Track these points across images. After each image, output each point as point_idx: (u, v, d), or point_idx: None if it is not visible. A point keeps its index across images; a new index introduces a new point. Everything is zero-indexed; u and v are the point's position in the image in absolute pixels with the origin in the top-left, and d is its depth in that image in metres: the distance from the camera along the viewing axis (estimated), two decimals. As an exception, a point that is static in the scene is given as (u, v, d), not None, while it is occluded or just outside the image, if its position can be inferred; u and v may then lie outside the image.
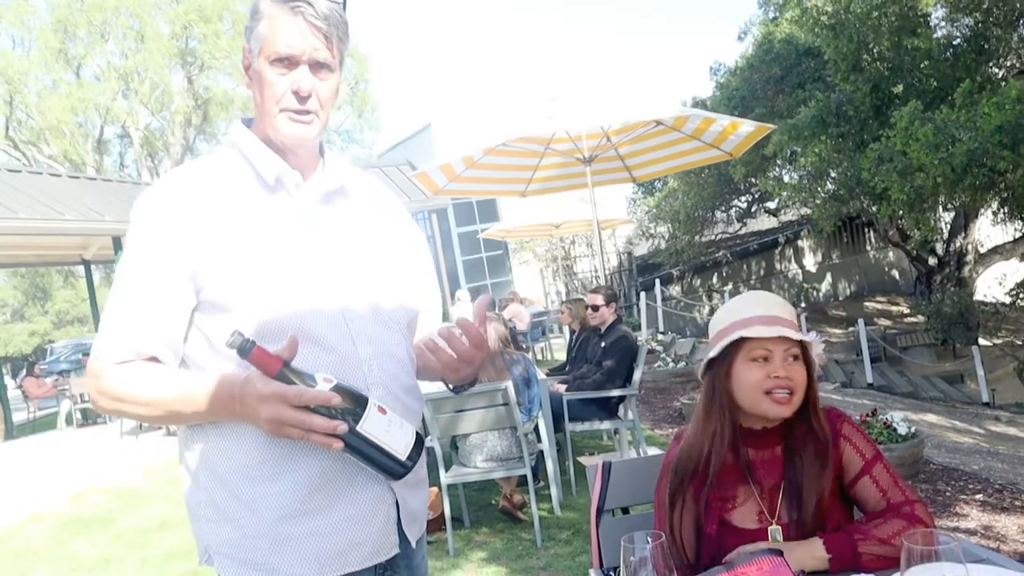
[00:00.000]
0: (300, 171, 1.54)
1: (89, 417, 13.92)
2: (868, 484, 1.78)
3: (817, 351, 1.79)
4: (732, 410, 1.80)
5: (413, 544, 1.62)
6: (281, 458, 1.42)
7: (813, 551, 1.63)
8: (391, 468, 1.40)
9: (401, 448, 1.39)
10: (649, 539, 1.37)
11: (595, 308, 5.99)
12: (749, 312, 1.81)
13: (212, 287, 1.41)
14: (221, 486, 1.45)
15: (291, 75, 1.46)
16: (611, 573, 2.08)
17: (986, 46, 13.19)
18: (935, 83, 13.18)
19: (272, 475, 1.42)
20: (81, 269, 18.49)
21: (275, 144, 1.52)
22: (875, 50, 13.12)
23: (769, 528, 1.76)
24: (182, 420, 1.45)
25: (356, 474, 1.46)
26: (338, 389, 1.33)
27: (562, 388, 5.85)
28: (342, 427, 1.32)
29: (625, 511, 2.25)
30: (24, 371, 16.63)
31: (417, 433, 1.45)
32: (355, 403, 1.34)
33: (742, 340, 1.76)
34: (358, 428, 1.33)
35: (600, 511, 2.20)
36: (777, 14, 17.82)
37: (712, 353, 1.81)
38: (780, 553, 1.62)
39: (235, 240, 1.43)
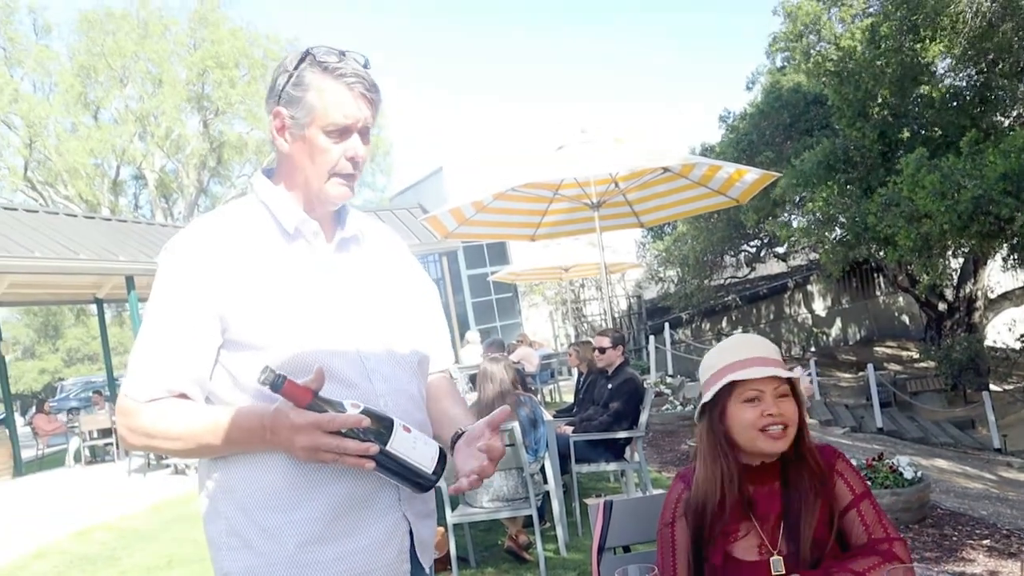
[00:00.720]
0: (318, 220, 1.63)
1: (97, 454, 13.94)
2: (854, 518, 1.85)
3: (804, 385, 1.86)
4: (733, 449, 1.88)
5: (426, 569, 1.69)
6: (300, 487, 1.49)
7: None
8: (419, 482, 1.49)
9: (428, 463, 1.47)
10: (645, 574, 1.42)
11: (601, 350, 6.04)
12: (737, 356, 1.90)
13: (238, 328, 1.49)
14: (242, 515, 1.51)
15: (344, 143, 1.56)
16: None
17: (991, 96, 13.35)
18: (940, 131, 13.32)
19: (292, 504, 1.49)
20: (93, 307, 18.66)
21: (308, 198, 1.61)
22: (879, 98, 13.28)
23: (771, 559, 1.82)
24: (212, 452, 1.51)
25: (372, 503, 1.53)
26: (366, 413, 1.41)
27: (569, 430, 5.87)
28: (373, 448, 1.40)
29: (626, 549, 2.30)
30: (34, 408, 16.69)
31: (440, 448, 1.52)
32: (382, 425, 1.42)
33: (733, 383, 1.86)
34: (387, 448, 1.41)
35: (601, 549, 2.24)
36: (785, 63, 18.09)
37: (705, 398, 1.90)
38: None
39: (259, 285, 1.52)
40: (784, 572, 1.79)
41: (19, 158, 29.81)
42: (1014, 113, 14.13)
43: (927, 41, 12.64)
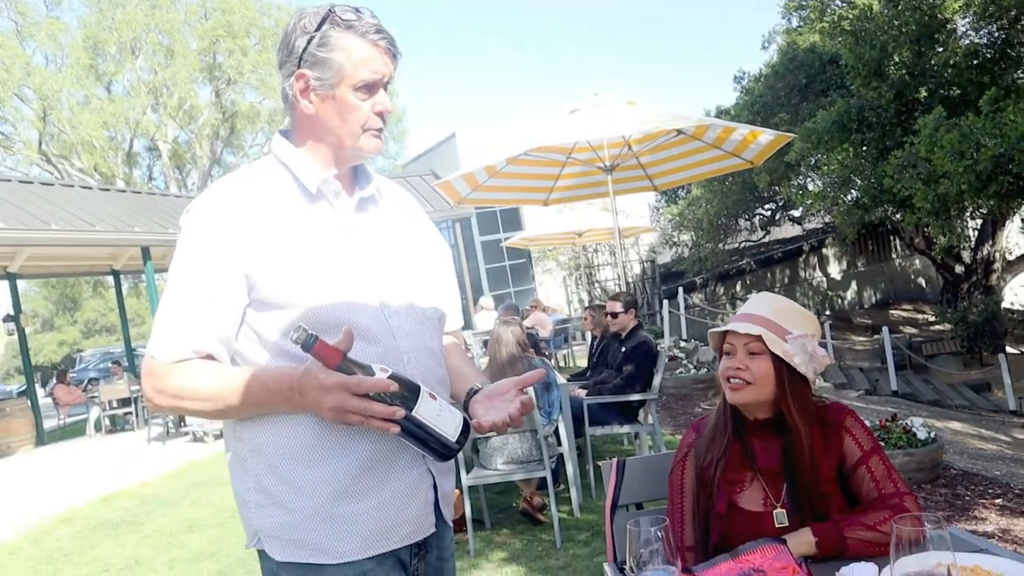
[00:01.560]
0: (339, 181, 1.64)
1: (117, 423, 14.15)
2: (864, 474, 1.87)
3: (785, 348, 1.87)
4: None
5: (449, 522, 1.73)
6: (329, 444, 1.51)
7: (803, 537, 1.75)
8: (441, 450, 1.50)
9: (451, 431, 1.48)
10: (656, 525, 1.44)
11: (614, 315, 6.04)
12: (741, 309, 1.99)
13: (264, 287, 1.50)
14: (271, 472, 1.53)
15: (373, 98, 1.58)
16: (624, 566, 2.14)
17: (1012, 53, 13.09)
18: (958, 90, 13.10)
19: (320, 460, 1.51)
20: (110, 279, 18.81)
21: (339, 156, 1.63)
22: (896, 58, 13.06)
23: (774, 512, 1.85)
24: (239, 413, 1.53)
25: (398, 458, 1.55)
26: (393, 378, 1.42)
27: (582, 393, 5.90)
28: (400, 412, 1.41)
29: (639, 507, 2.32)
30: (54, 379, 16.90)
31: (464, 418, 1.54)
32: (409, 391, 1.43)
33: (724, 333, 1.96)
34: (413, 413, 1.43)
35: (615, 507, 2.27)
36: (801, 23, 17.80)
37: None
38: (783, 542, 1.70)
39: (284, 244, 1.53)
40: (787, 524, 1.83)
41: (33, 131, 29.92)
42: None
43: (946, -2, 12.39)
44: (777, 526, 1.84)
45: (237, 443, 1.58)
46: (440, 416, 1.47)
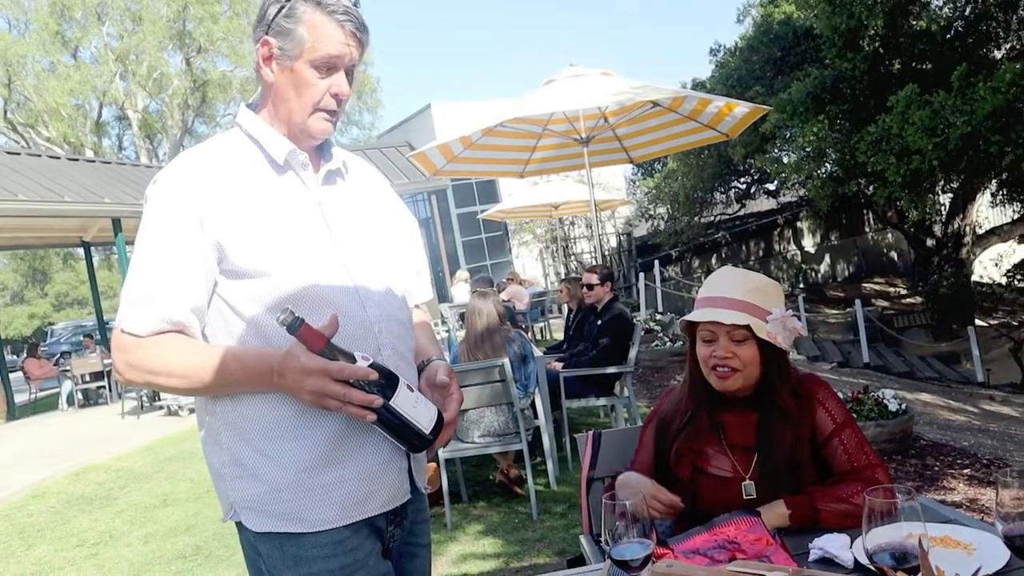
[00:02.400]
0: (305, 153, 1.64)
1: (90, 397, 14.01)
2: (836, 446, 1.89)
3: (767, 330, 1.87)
4: (705, 377, 1.96)
5: (423, 489, 1.74)
6: (303, 417, 1.51)
7: (776, 509, 1.77)
8: (415, 440, 1.53)
9: (426, 423, 1.52)
10: (632, 499, 1.44)
11: (589, 287, 6.05)
12: (707, 291, 1.97)
13: (235, 255, 1.49)
14: (246, 445, 1.53)
15: (330, 79, 1.57)
16: (600, 538, 2.15)
17: (984, 28, 13.15)
18: (931, 64, 13.15)
19: (295, 432, 1.51)
20: (81, 251, 18.55)
21: (291, 131, 1.62)
22: (871, 29, 13.06)
23: (743, 483, 1.87)
24: (215, 391, 1.52)
25: (371, 428, 1.55)
26: (374, 367, 1.44)
27: (559, 366, 5.92)
28: (378, 401, 1.44)
29: (615, 479, 2.34)
30: (25, 353, 16.70)
31: (439, 411, 1.57)
32: (388, 380, 1.46)
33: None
34: (390, 403, 1.45)
35: (590, 479, 2.28)
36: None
37: (678, 325, 1.98)
38: (757, 514, 1.71)
39: (254, 213, 1.52)
40: (755, 496, 1.84)
41: (-3, 98, 29.27)
42: (1007, 45, 13.93)
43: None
44: (745, 497, 1.85)
45: (210, 418, 1.58)
46: (416, 408, 1.50)
